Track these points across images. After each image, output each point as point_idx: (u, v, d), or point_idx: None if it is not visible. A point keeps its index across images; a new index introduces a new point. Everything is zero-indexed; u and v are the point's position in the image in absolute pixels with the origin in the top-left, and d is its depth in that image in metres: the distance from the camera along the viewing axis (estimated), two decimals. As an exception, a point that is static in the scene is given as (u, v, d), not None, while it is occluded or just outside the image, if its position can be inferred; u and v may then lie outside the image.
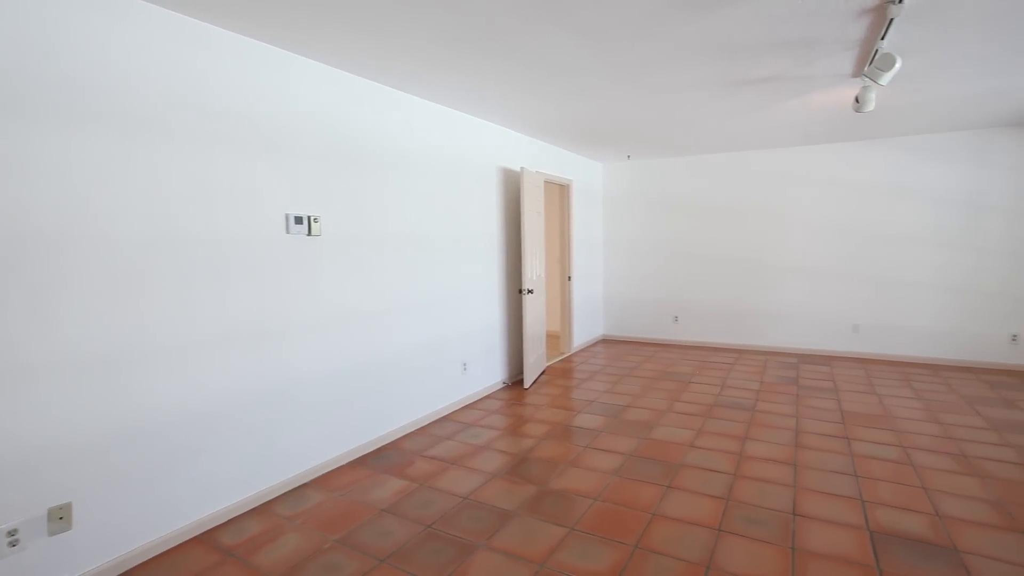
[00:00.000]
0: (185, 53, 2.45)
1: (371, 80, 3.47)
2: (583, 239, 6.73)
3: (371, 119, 3.47)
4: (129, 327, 2.27)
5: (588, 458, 3.34)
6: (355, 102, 3.35)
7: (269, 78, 2.83)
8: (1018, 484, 2.89)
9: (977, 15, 2.58)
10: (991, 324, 5.41)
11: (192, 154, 2.49)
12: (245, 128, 2.71)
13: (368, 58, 3.06)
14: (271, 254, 2.86)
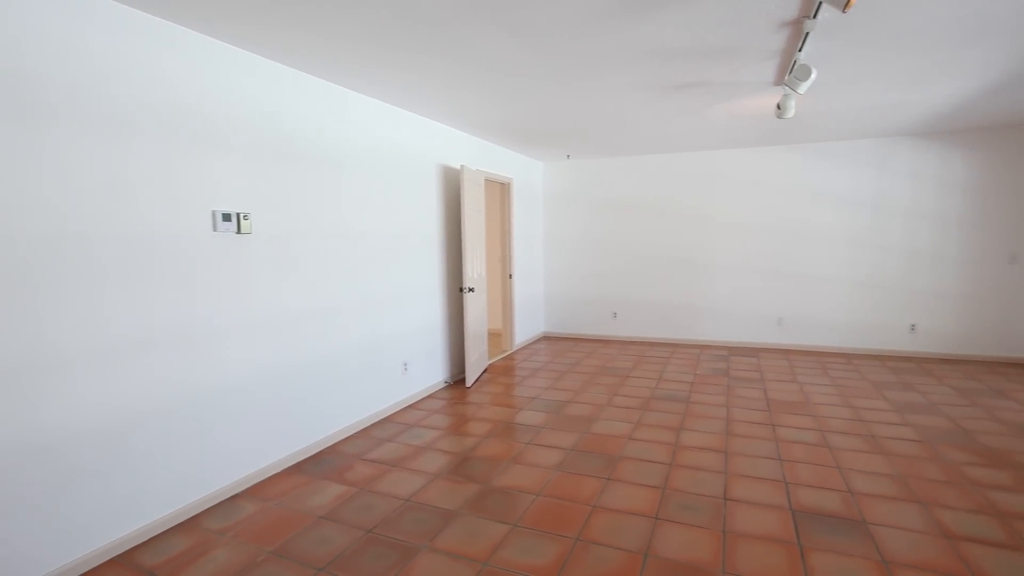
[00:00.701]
0: (99, 36, 2.26)
1: (307, 73, 3.34)
2: (524, 237, 6.79)
3: (307, 113, 3.34)
4: (26, 333, 2.07)
5: (530, 454, 3.37)
6: (290, 96, 3.21)
7: (194, 67, 2.65)
8: (915, 459, 3.18)
9: (881, 36, 2.81)
10: (893, 315, 5.92)
11: (106, 146, 2.30)
12: (168, 119, 2.53)
13: (304, 51, 2.94)
14: (197, 253, 2.69)
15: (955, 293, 5.70)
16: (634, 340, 7.00)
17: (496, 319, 7.39)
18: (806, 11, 2.53)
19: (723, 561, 2.24)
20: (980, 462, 3.14)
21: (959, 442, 3.44)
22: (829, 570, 2.17)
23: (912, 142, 5.70)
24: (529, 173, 6.92)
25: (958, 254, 5.65)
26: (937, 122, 5.02)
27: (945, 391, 4.55)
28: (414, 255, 4.47)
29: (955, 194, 5.61)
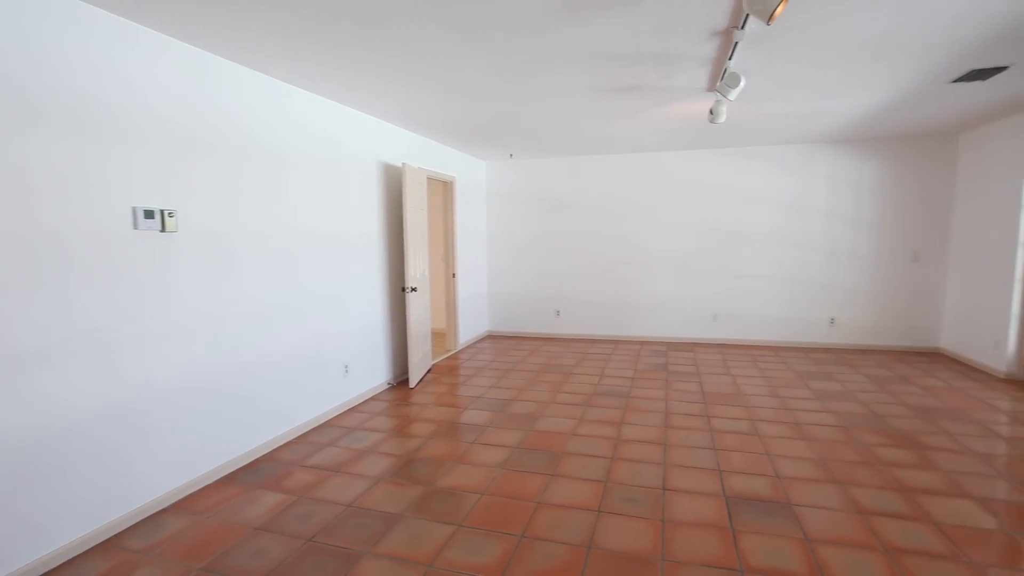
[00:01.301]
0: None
1: (241, 65, 3.18)
2: (468, 236, 6.76)
3: (241, 106, 3.18)
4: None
5: (475, 454, 3.37)
6: (222, 87, 3.04)
7: (113, 53, 2.46)
8: (834, 443, 3.42)
9: (801, 49, 2.99)
10: (815, 310, 6.33)
11: (6, 137, 2.09)
12: (81, 108, 2.34)
13: (238, 42, 2.80)
14: (114, 253, 2.50)
15: (868, 289, 6.17)
16: (577, 337, 7.13)
17: (440, 318, 7.33)
18: (735, 22, 2.65)
19: (662, 549, 2.32)
20: (889, 443, 3.41)
21: (871, 426, 3.73)
22: (758, 551, 2.29)
23: (831, 148, 6.11)
24: (472, 172, 6.90)
25: (870, 253, 6.12)
26: (852, 131, 5.41)
27: (860, 379, 4.91)
28: (355, 254, 4.36)
29: (867, 197, 6.07)
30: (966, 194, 5.62)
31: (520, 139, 5.69)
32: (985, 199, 5.29)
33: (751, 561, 2.23)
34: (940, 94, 4.05)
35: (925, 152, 5.87)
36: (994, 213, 5.13)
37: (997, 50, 3.13)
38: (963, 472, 3.01)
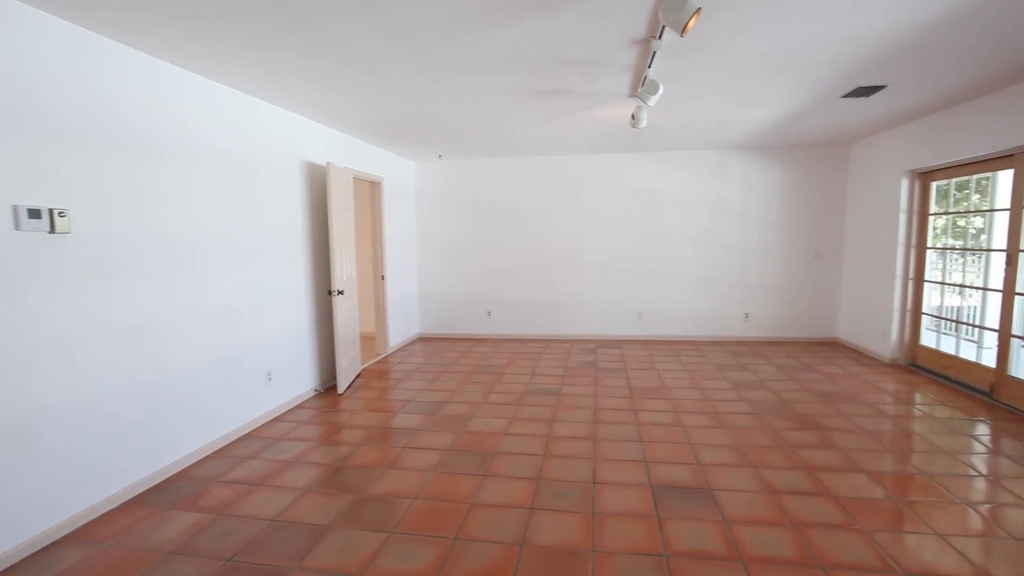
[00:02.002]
0: None
1: (147, 54, 2.94)
2: (397, 237, 6.64)
3: (147, 98, 2.95)
4: None
5: (407, 458, 3.31)
6: (125, 77, 2.80)
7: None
8: (749, 429, 3.66)
9: (714, 61, 3.18)
10: (732, 305, 6.75)
11: None
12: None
13: (143, 28, 2.59)
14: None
15: (777, 285, 6.65)
16: (508, 337, 7.19)
17: (369, 322, 7.14)
18: (653, 32, 2.78)
19: (592, 541, 2.38)
20: (795, 427, 3.70)
21: (780, 411, 4.02)
22: (682, 536, 2.41)
23: (743, 155, 6.54)
24: (401, 172, 6.78)
25: (779, 251, 6.61)
26: (760, 138, 5.82)
27: (771, 369, 5.29)
28: (277, 257, 4.16)
29: (775, 200, 6.54)
30: (856, 198, 6.20)
31: (449, 140, 5.66)
32: (871, 203, 5.85)
33: (675, 546, 2.34)
34: (832, 107, 4.44)
35: (822, 159, 6.41)
36: (879, 215, 5.69)
37: (876, 71, 3.47)
38: (856, 449, 3.32)
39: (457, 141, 5.76)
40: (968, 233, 4.93)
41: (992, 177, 4.57)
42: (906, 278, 5.39)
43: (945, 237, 5.13)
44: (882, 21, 2.70)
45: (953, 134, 4.56)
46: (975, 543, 2.33)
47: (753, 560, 2.23)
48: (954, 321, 5.03)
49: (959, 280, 5.02)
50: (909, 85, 3.83)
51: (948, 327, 5.08)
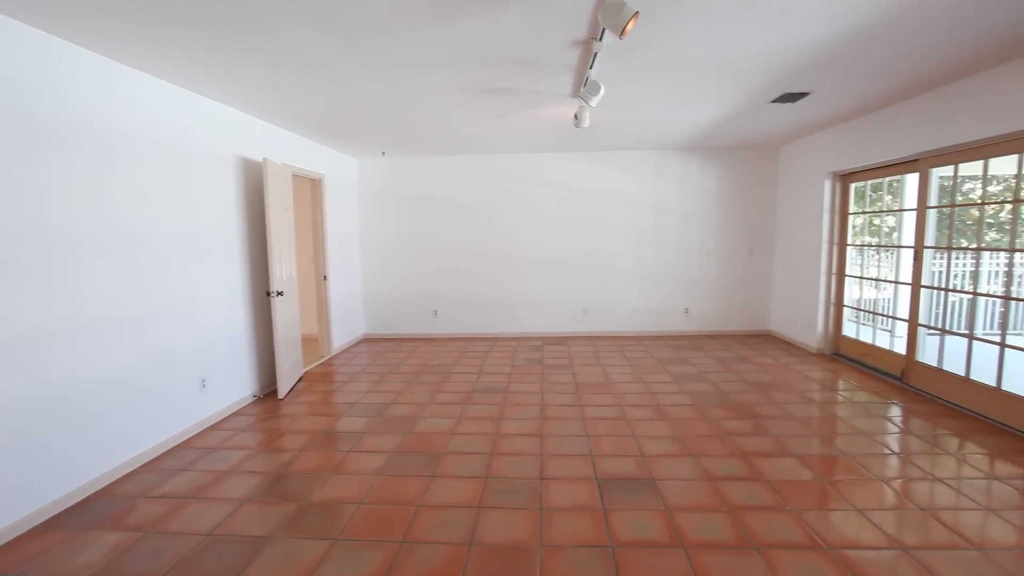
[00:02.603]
0: None
1: (66, 40, 2.71)
2: (339, 236, 6.46)
3: (61, 87, 2.72)
4: None
5: (352, 462, 3.23)
6: (37, 63, 2.57)
7: None
8: (689, 420, 3.80)
9: (652, 63, 3.27)
10: (673, 301, 7.00)
11: None
12: None
13: (60, 11, 2.38)
14: None
15: (715, 280, 6.95)
16: (455, 337, 7.15)
17: (311, 323, 6.91)
18: (593, 33, 2.83)
19: (540, 536, 2.41)
20: (732, 416, 3.88)
21: (718, 402, 4.21)
22: (627, 526, 2.48)
23: (682, 155, 6.78)
24: (343, 169, 6.60)
25: (716, 249, 6.90)
26: (697, 140, 6.05)
27: (709, 361, 5.52)
28: (211, 257, 3.96)
29: (712, 200, 6.83)
30: (785, 198, 6.56)
31: (392, 137, 5.56)
32: (798, 203, 6.21)
33: (620, 536, 2.40)
34: (763, 111, 4.68)
35: (754, 161, 6.74)
36: (805, 215, 6.05)
37: (801, 78, 3.69)
38: (787, 434, 3.52)
39: (401, 138, 5.66)
40: (882, 231, 5.32)
41: (902, 179, 4.95)
42: (829, 273, 5.75)
43: (863, 235, 5.52)
44: (805, 32, 2.86)
45: (868, 139, 4.91)
46: (889, 515, 2.52)
47: (693, 545, 2.32)
48: (871, 312, 5.42)
49: (875, 274, 5.41)
50: (830, 92, 4.09)
51: (866, 318, 5.47)
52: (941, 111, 4.01)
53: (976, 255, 4.13)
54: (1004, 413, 3.61)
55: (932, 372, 4.28)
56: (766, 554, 2.24)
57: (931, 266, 4.45)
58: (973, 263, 4.10)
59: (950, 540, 2.33)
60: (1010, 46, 3.12)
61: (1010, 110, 3.44)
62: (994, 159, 3.73)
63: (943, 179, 4.27)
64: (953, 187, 4.16)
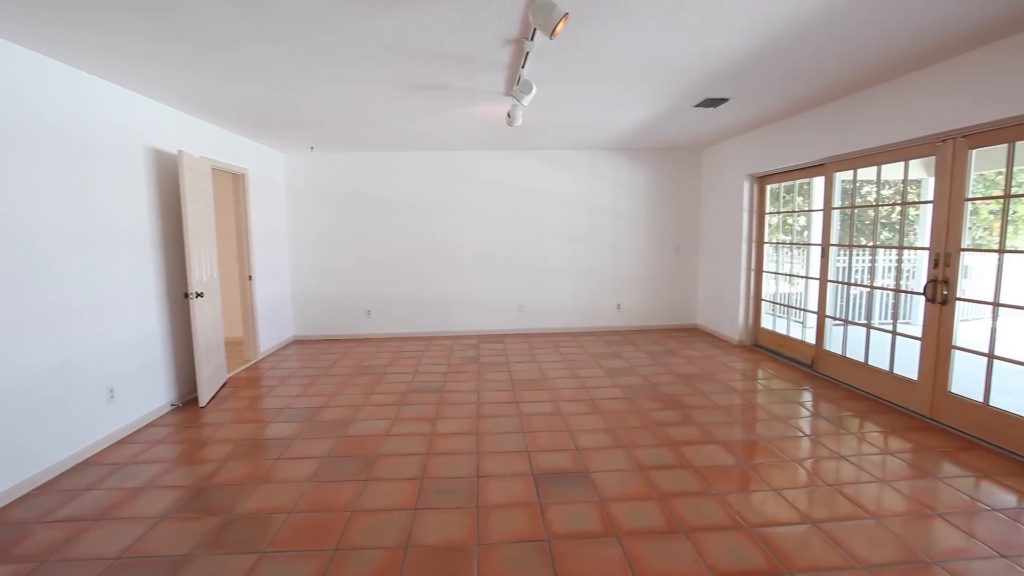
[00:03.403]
0: None
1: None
2: (266, 234, 6.16)
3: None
4: None
5: (281, 470, 3.10)
6: None
7: None
8: (621, 412, 3.93)
9: (582, 65, 3.34)
10: (605, 297, 7.20)
11: None
12: None
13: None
14: None
15: (644, 277, 7.21)
16: (390, 336, 7.01)
17: (236, 325, 6.55)
18: (525, 33, 2.85)
19: (477, 534, 2.41)
20: (661, 407, 4.05)
21: (649, 394, 4.37)
22: (563, 519, 2.53)
23: (612, 155, 6.98)
24: (268, 164, 6.29)
25: (645, 246, 7.16)
26: (627, 141, 6.25)
27: (640, 355, 5.73)
28: (119, 257, 3.65)
29: (641, 198, 7.08)
30: (709, 198, 6.91)
31: (321, 131, 5.36)
32: (720, 202, 6.56)
33: (556, 529, 2.44)
34: (687, 115, 4.90)
35: (681, 162, 7.06)
36: (727, 214, 6.40)
37: (722, 85, 3.89)
38: (712, 423, 3.71)
39: (330, 132, 5.47)
40: (794, 230, 5.72)
41: (810, 182, 5.35)
42: (749, 269, 6.12)
43: (778, 233, 5.91)
44: (723, 42, 3.02)
45: (781, 144, 5.26)
46: (801, 493, 2.72)
47: (626, 533, 2.40)
48: (785, 305, 5.82)
49: (788, 270, 5.81)
50: (746, 99, 4.35)
51: (781, 311, 5.87)
52: (842, 121, 4.36)
53: (872, 252, 4.52)
54: (896, 394, 3.98)
55: (837, 359, 4.66)
56: (693, 537, 2.36)
57: (836, 262, 4.84)
58: (870, 259, 4.50)
59: (852, 511, 2.54)
60: (894, 65, 3.44)
61: (896, 122, 3.79)
62: (885, 165, 4.10)
63: (845, 183, 4.65)
64: (853, 190, 4.54)
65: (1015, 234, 9.07)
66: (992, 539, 2.32)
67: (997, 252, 3.29)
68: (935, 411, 3.66)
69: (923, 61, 3.43)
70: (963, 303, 3.52)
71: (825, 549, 2.26)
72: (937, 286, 3.58)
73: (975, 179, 3.48)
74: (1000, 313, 3.32)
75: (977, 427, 3.37)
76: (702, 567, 2.15)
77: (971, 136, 3.35)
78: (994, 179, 3.23)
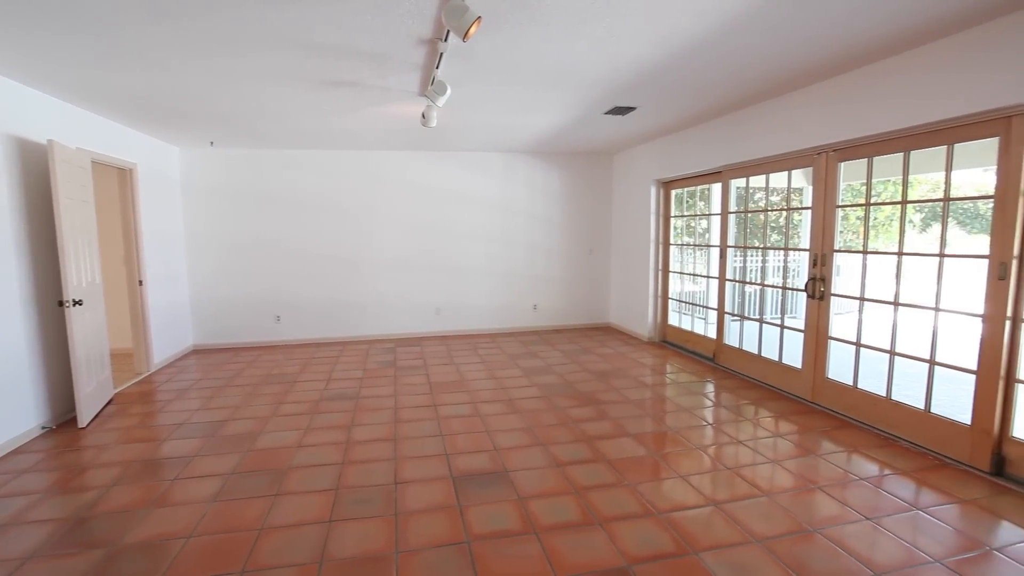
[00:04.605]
0: None
1: None
2: (159, 235, 5.65)
3: None
4: None
5: (179, 492, 2.85)
6: None
7: None
8: (539, 411, 4.01)
9: (496, 69, 3.37)
10: (522, 298, 7.31)
11: None
12: None
13: None
14: None
15: (560, 278, 7.40)
16: (302, 343, 6.69)
17: (125, 336, 5.96)
18: (438, 34, 2.84)
19: (396, 543, 2.36)
20: (577, 404, 4.18)
21: (565, 392, 4.50)
22: (482, 520, 2.53)
23: (528, 158, 7.11)
24: (161, 159, 5.78)
25: (560, 247, 7.35)
26: (542, 144, 6.39)
27: (556, 354, 5.87)
28: (-29, 260, 3.20)
29: (556, 201, 7.26)
30: (620, 201, 7.23)
31: (222, 125, 5.01)
32: (630, 206, 6.89)
33: (476, 530, 2.45)
34: (598, 121, 5.10)
35: (593, 166, 7.33)
36: (636, 217, 6.73)
37: (629, 94, 4.09)
38: (624, 417, 3.88)
39: (234, 127, 5.12)
40: (697, 232, 6.13)
41: (709, 188, 5.75)
42: (657, 270, 6.47)
43: (683, 236, 6.30)
44: (630, 53, 3.18)
45: (684, 152, 5.62)
46: (705, 478, 2.92)
47: (544, 529, 2.45)
48: (690, 303, 6.22)
49: (692, 270, 6.22)
50: (653, 109, 4.60)
51: (686, 309, 6.26)
52: (736, 132, 4.74)
53: (764, 253, 4.95)
54: (785, 382, 4.38)
55: (735, 352, 5.04)
56: (608, 527, 2.45)
57: (733, 262, 5.24)
58: (762, 260, 4.93)
59: (748, 491, 2.77)
60: (779, 84, 3.79)
61: (781, 135, 4.18)
62: (773, 174, 4.50)
63: (739, 189, 5.04)
64: (746, 196, 4.94)
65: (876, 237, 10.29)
66: (860, 504, 2.62)
67: (862, 253, 3.72)
68: (816, 395, 4.07)
69: (800, 82, 3.80)
70: (837, 298, 3.95)
71: (726, 528, 2.44)
72: (816, 284, 3.98)
73: (844, 188, 3.92)
74: (865, 307, 3.76)
75: (849, 408, 3.78)
76: (616, 555, 2.24)
77: (840, 150, 3.76)
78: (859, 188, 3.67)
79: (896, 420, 3.44)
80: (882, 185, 8.48)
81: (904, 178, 3.40)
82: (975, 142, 2.96)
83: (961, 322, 3.10)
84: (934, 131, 3.13)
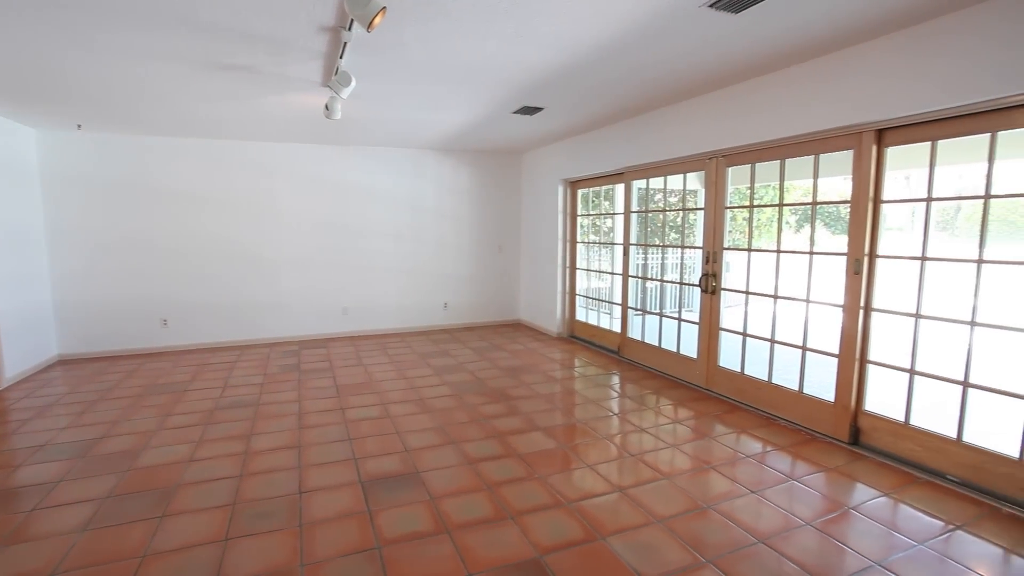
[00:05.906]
0: None
1: None
2: (9, 230, 4.93)
3: None
4: None
5: (39, 523, 2.51)
6: None
7: None
8: (450, 410, 3.99)
9: (403, 62, 3.29)
10: (432, 296, 7.23)
11: None
12: None
13: None
14: None
15: (470, 275, 7.40)
16: (193, 348, 6.15)
17: (-33, 347, 5.13)
18: (342, 22, 2.72)
19: (301, 555, 2.24)
20: (488, 401, 4.20)
21: (476, 389, 4.51)
22: (393, 523, 2.47)
23: (437, 155, 7.02)
24: (12, 141, 5.03)
25: (470, 245, 7.35)
26: (451, 141, 6.34)
27: (467, 352, 5.87)
28: None
29: (465, 199, 7.25)
30: (529, 200, 7.36)
31: (92, 107, 4.46)
32: (539, 205, 7.04)
33: (387, 535, 2.38)
34: (506, 120, 5.15)
35: (503, 165, 7.40)
36: (545, 215, 6.89)
37: (537, 94, 4.17)
38: (534, 411, 3.96)
39: (106, 110, 4.58)
40: (602, 231, 6.39)
41: (613, 188, 6.02)
42: (564, 267, 6.67)
43: (589, 234, 6.54)
44: (537, 55, 3.24)
45: (589, 153, 5.83)
46: (612, 466, 3.05)
47: (457, 527, 2.44)
48: (596, 299, 6.48)
49: (598, 267, 6.47)
50: (560, 110, 4.72)
51: (593, 304, 6.51)
52: (637, 135, 5.00)
53: (663, 251, 5.26)
54: (683, 371, 4.70)
55: (638, 344, 5.33)
56: (520, 520, 2.49)
57: (635, 260, 5.52)
58: (662, 257, 5.26)
59: (651, 475, 2.93)
60: (676, 91, 4.05)
61: (676, 140, 4.47)
62: (671, 176, 4.80)
63: (640, 190, 5.32)
64: (647, 197, 5.22)
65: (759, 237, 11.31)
66: (746, 479, 2.87)
67: (747, 251, 4.07)
68: (710, 382, 4.40)
69: (695, 91, 4.09)
70: (727, 292, 4.29)
71: (631, 511, 2.56)
72: (708, 279, 4.30)
73: (732, 191, 4.27)
74: (750, 300, 4.13)
75: (738, 392, 4.13)
76: (528, 547, 2.28)
77: (728, 156, 4.09)
78: (745, 192, 4.04)
79: (776, 401, 3.81)
80: (764, 189, 9.35)
81: (781, 183, 3.77)
82: (836, 153, 3.34)
83: (827, 312, 3.49)
84: (803, 142, 3.49)
